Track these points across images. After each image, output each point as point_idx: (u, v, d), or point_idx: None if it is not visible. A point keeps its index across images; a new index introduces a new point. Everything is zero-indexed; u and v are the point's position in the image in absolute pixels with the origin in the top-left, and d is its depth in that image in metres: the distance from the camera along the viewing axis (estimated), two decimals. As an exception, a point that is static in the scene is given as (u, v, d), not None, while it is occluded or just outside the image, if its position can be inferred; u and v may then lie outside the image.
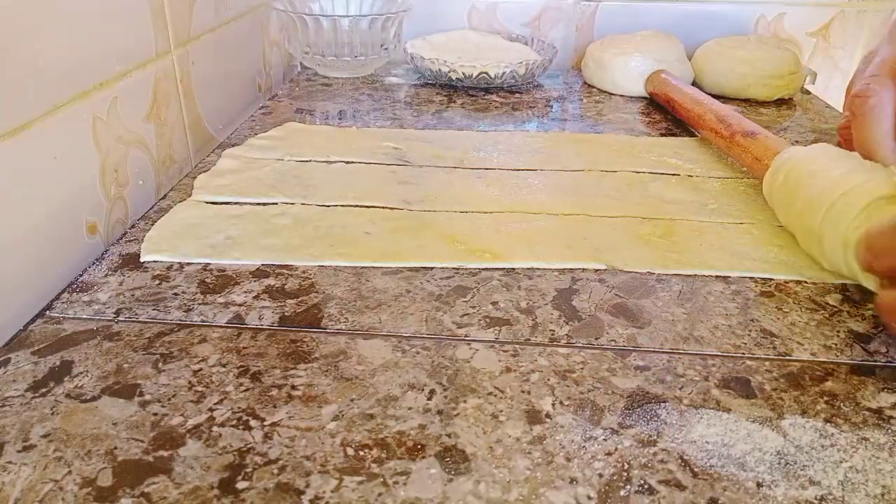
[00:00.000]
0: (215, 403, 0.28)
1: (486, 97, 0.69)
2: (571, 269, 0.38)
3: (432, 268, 0.38)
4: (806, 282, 0.37)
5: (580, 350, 0.31)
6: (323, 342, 0.32)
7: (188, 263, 0.38)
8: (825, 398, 0.29)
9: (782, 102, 0.70)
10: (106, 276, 0.37)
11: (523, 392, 0.29)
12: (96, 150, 0.42)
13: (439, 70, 0.70)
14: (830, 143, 0.43)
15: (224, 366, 0.30)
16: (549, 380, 0.30)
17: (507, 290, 0.36)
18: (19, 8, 0.35)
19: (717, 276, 0.37)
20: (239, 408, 0.28)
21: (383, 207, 0.44)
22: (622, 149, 0.55)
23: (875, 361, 0.31)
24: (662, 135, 0.60)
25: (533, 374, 0.30)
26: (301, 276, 0.37)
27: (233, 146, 0.53)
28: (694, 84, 0.71)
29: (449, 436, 0.27)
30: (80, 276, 0.37)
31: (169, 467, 0.25)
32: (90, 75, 0.41)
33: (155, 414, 0.27)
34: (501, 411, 0.28)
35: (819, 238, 0.37)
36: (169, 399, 0.28)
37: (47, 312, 0.34)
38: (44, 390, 0.29)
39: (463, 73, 0.69)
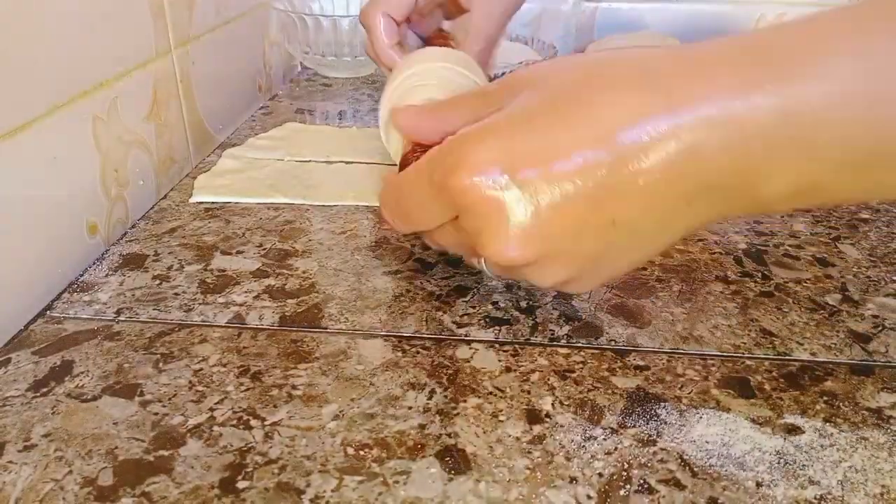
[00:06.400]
0: (216, 403, 0.28)
1: (485, 97, 0.69)
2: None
3: (433, 264, 0.38)
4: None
5: (580, 350, 0.32)
6: (323, 342, 0.32)
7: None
8: (825, 398, 0.29)
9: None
10: (106, 276, 0.37)
11: (523, 392, 0.29)
12: (96, 150, 0.42)
13: (439, 70, 0.70)
14: None
15: (224, 366, 0.30)
16: (549, 379, 0.30)
17: (507, 289, 0.36)
18: (19, 8, 0.35)
19: (715, 277, 0.37)
20: (239, 407, 0.28)
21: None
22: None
23: (875, 361, 0.31)
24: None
25: (533, 373, 0.30)
26: (301, 276, 0.37)
27: (233, 146, 0.53)
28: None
29: (449, 435, 0.27)
30: (81, 275, 0.37)
31: (169, 467, 0.25)
32: (90, 75, 0.41)
33: (155, 414, 0.27)
34: (501, 411, 0.28)
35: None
36: (169, 399, 0.28)
37: (48, 312, 0.34)
38: (44, 390, 0.29)
39: (463, 73, 0.69)
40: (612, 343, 0.32)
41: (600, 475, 0.25)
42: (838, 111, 0.23)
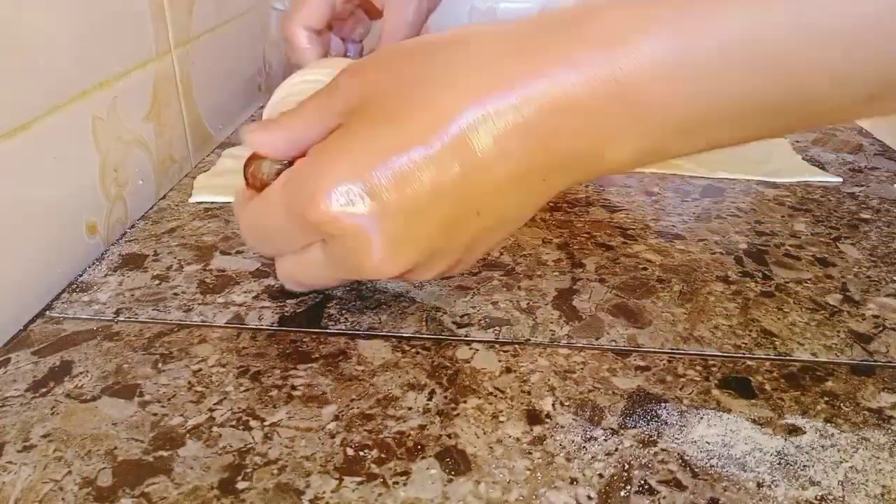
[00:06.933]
0: (215, 403, 0.28)
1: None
2: (572, 269, 0.38)
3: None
4: (807, 280, 0.37)
5: (580, 350, 0.31)
6: (323, 342, 0.32)
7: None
8: (825, 398, 0.29)
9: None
10: (106, 276, 0.37)
11: (523, 392, 0.29)
12: (96, 150, 0.42)
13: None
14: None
15: (224, 366, 0.30)
16: (549, 380, 0.30)
17: (507, 290, 0.36)
18: (19, 8, 0.35)
19: (716, 277, 0.37)
20: (239, 408, 0.28)
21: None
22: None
23: (875, 361, 0.31)
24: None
25: (533, 374, 0.30)
26: (301, 276, 0.37)
27: (233, 146, 0.53)
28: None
29: (449, 436, 0.27)
30: (80, 276, 0.37)
31: (169, 467, 0.25)
32: (90, 75, 0.41)
33: (155, 414, 0.27)
34: (501, 411, 0.28)
35: None
36: (169, 399, 0.28)
37: (47, 312, 0.34)
38: (44, 390, 0.29)
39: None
40: (613, 343, 0.32)
41: (601, 476, 0.25)
42: (663, 82, 0.24)
